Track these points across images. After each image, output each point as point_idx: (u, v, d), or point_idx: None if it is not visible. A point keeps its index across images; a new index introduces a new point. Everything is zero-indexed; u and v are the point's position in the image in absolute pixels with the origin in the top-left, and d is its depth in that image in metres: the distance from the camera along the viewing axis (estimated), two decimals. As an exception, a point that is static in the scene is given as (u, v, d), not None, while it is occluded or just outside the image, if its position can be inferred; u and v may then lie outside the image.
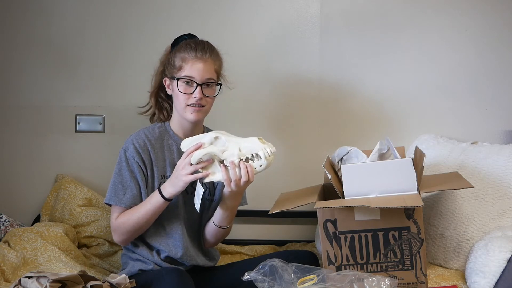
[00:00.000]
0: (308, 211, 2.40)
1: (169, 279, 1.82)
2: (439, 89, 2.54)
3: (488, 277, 1.89)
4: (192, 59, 1.98)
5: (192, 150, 1.87)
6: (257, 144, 1.86)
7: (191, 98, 1.98)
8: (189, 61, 1.97)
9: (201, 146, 1.87)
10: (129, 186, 1.98)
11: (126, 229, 1.97)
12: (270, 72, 2.54)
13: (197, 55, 1.98)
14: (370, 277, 1.72)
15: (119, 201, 1.97)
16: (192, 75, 1.97)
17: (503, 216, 2.12)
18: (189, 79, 1.97)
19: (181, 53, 2.00)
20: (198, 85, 1.97)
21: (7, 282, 1.93)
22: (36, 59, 2.53)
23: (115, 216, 1.98)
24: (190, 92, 1.97)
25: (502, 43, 2.52)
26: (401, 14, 2.53)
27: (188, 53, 1.98)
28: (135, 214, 1.95)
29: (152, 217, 1.95)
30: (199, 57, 1.98)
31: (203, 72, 1.98)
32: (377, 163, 1.99)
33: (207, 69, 1.99)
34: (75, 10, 2.52)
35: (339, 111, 2.55)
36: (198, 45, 2.00)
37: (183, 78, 1.97)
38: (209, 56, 2.00)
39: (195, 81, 1.97)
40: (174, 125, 2.08)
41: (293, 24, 2.54)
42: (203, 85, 1.98)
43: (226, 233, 2.09)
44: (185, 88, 1.98)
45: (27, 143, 2.54)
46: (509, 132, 2.51)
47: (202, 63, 1.98)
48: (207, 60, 1.99)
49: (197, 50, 1.99)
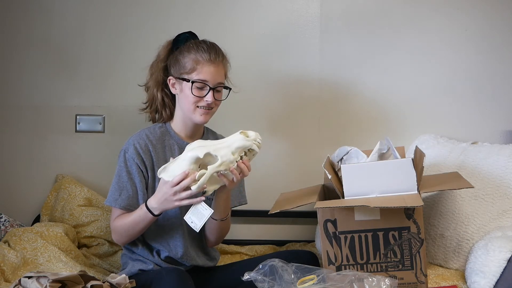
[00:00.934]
0: (308, 211, 2.40)
1: (169, 279, 1.82)
2: (439, 89, 2.54)
3: (488, 277, 1.89)
4: (206, 62, 1.96)
5: (178, 180, 1.82)
6: (245, 141, 1.84)
7: (202, 101, 1.97)
8: (202, 64, 1.96)
9: (188, 174, 1.82)
10: (125, 187, 1.98)
11: (120, 233, 1.98)
12: (270, 72, 2.54)
13: (211, 58, 1.97)
14: (370, 277, 1.72)
15: (114, 201, 1.98)
16: (206, 79, 1.96)
17: (503, 216, 2.12)
18: (203, 82, 1.96)
19: (192, 54, 1.98)
20: (211, 89, 1.97)
21: (7, 282, 1.93)
22: (36, 59, 2.53)
23: (114, 217, 1.99)
24: (203, 96, 1.97)
25: (502, 43, 2.52)
26: (401, 14, 2.53)
27: (201, 56, 1.97)
28: (125, 221, 1.95)
29: (142, 227, 1.94)
30: (213, 61, 1.97)
31: (216, 76, 1.97)
32: (377, 163, 1.99)
33: (220, 73, 1.99)
34: (75, 10, 2.53)
35: (339, 111, 2.55)
36: (211, 48, 1.99)
37: (197, 81, 1.96)
38: (221, 60, 2.00)
39: (208, 84, 1.96)
40: (176, 125, 2.07)
41: (293, 24, 2.54)
42: (214, 89, 1.98)
43: (226, 228, 2.08)
44: (198, 92, 1.97)
45: (27, 143, 2.54)
46: (509, 132, 2.51)
47: (215, 67, 1.97)
48: (219, 64, 1.99)
49: (210, 53, 1.97)
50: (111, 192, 1.99)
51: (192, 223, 1.88)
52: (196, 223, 1.88)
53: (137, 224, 1.93)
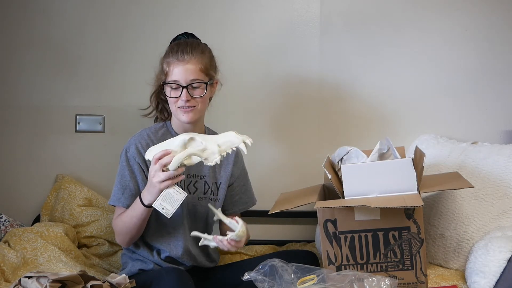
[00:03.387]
0: (308, 211, 2.40)
1: (169, 279, 1.82)
2: (439, 89, 2.54)
3: (488, 277, 1.89)
4: (175, 62, 1.96)
5: (159, 156, 1.82)
6: (235, 137, 1.83)
7: (180, 101, 1.97)
8: (172, 65, 1.97)
9: (169, 152, 1.82)
10: (128, 186, 1.98)
11: (120, 230, 1.98)
12: (270, 72, 2.54)
13: (179, 58, 1.96)
14: (370, 277, 1.72)
15: (118, 200, 1.98)
16: (176, 79, 1.96)
17: (503, 216, 2.12)
18: (174, 83, 1.96)
19: (166, 57, 1.99)
20: (184, 87, 1.96)
21: (7, 282, 1.93)
22: (36, 59, 2.53)
23: (115, 216, 2.00)
24: (177, 96, 1.97)
25: (502, 43, 2.51)
26: (401, 14, 2.53)
27: (171, 57, 1.97)
28: (123, 218, 1.95)
29: (139, 222, 1.93)
30: (181, 60, 1.96)
31: (187, 74, 1.96)
32: (377, 163, 1.99)
33: (192, 70, 1.96)
34: (75, 10, 2.52)
35: (339, 111, 2.55)
36: (180, 47, 1.98)
37: (169, 83, 1.97)
38: (192, 57, 1.97)
39: (180, 84, 1.96)
40: (175, 125, 2.08)
41: (293, 24, 2.54)
42: (189, 87, 1.96)
43: None
44: (172, 92, 1.97)
45: (27, 143, 2.54)
46: (509, 132, 2.51)
47: (185, 64, 1.96)
48: (189, 61, 1.97)
49: (178, 52, 1.97)
50: (114, 192, 1.99)
51: (163, 209, 1.82)
52: (168, 209, 1.82)
53: (132, 218, 1.92)
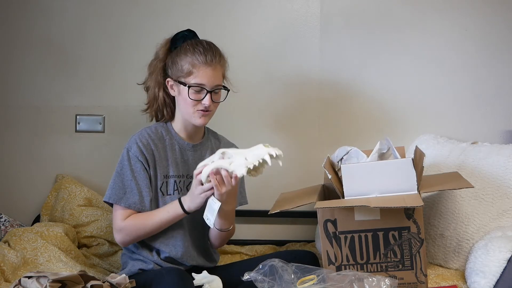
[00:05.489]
0: (308, 211, 2.40)
1: (169, 279, 1.81)
2: (439, 89, 2.54)
3: (488, 277, 1.89)
4: (202, 65, 1.95)
5: (198, 172, 1.88)
6: (261, 149, 1.85)
7: (200, 105, 1.96)
8: (199, 68, 1.95)
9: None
10: (129, 185, 1.97)
11: (136, 233, 1.97)
12: (270, 72, 2.54)
13: (207, 61, 1.95)
14: (370, 277, 1.72)
15: (119, 200, 1.97)
16: (203, 82, 1.95)
17: (503, 216, 2.12)
18: (200, 86, 1.95)
19: (189, 56, 1.96)
20: (208, 92, 1.96)
21: (7, 282, 1.93)
22: (36, 59, 2.53)
23: (121, 217, 1.97)
24: (200, 99, 1.96)
25: (502, 43, 2.51)
26: (401, 14, 2.53)
27: (197, 58, 1.95)
28: (150, 220, 1.95)
29: (167, 225, 1.96)
30: (209, 64, 1.95)
31: (213, 79, 1.96)
32: (377, 163, 1.99)
33: (217, 76, 1.98)
34: (75, 10, 2.52)
35: (339, 111, 2.55)
36: (207, 50, 1.97)
37: (194, 85, 1.95)
38: (218, 62, 1.98)
39: (206, 88, 1.95)
40: (176, 126, 2.07)
41: (293, 24, 2.54)
42: (212, 92, 1.97)
43: (230, 234, 2.08)
44: (194, 95, 1.96)
45: (27, 143, 2.54)
46: (509, 132, 2.51)
47: (212, 69, 1.96)
48: (216, 66, 1.97)
49: (207, 55, 1.95)
50: (113, 190, 1.97)
51: (207, 220, 1.91)
52: (210, 219, 1.90)
53: (162, 222, 1.95)
